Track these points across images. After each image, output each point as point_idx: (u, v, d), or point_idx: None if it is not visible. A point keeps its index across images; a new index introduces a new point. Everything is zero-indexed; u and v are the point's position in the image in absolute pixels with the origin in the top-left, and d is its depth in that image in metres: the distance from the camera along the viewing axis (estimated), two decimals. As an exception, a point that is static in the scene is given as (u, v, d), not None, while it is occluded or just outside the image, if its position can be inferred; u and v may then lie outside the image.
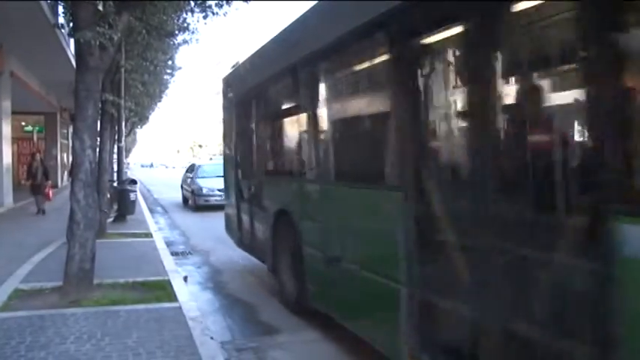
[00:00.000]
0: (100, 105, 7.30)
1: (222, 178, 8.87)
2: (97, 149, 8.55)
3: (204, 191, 16.39)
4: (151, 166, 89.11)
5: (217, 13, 9.18)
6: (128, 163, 51.45)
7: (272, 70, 6.05)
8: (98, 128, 8.93)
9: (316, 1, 4.88)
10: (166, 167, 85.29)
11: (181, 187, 20.07)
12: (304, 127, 5.15)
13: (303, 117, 5.12)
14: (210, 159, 31.40)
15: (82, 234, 5.65)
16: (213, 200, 15.81)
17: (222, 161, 9.48)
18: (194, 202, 16.85)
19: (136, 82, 13.06)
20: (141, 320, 4.82)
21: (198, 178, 17.44)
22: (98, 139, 8.97)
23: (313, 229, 4.87)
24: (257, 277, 7.18)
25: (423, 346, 3.16)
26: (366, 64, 4.14)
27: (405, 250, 3.27)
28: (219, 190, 15.11)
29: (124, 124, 14.47)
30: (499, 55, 2.69)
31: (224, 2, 8.62)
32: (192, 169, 19.46)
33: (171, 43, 13.12)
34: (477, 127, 2.81)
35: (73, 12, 6.01)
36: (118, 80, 11.64)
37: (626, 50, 2.01)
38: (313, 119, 4.91)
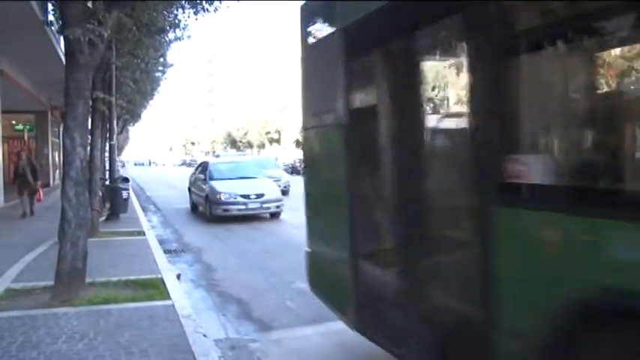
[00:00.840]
0: (90, 102, 7.26)
1: (305, 192, 4.72)
2: (89, 147, 8.50)
3: (224, 198, 13.10)
4: (149, 164, 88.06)
5: (208, 10, 9.19)
6: (122, 161, 51.20)
7: None
8: (89, 126, 8.89)
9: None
10: (156, 165, 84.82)
11: (189, 190, 16.58)
12: None
13: None
14: (218, 156, 30.23)
15: (73, 233, 5.62)
16: (234, 210, 13.06)
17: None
18: (209, 210, 13.47)
19: (127, 80, 12.98)
20: (133, 319, 4.80)
21: (214, 180, 14.01)
22: (89, 137, 8.93)
23: None
24: (251, 274, 7.18)
25: None
26: None
27: None
28: (242, 197, 13.08)
29: (115, 121, 14.38)
30: None
31: (214, -1, 8.62)
32: (203, 168, 15.55)
33: (163, 40, 13.06)
34: None
35: (62, 9, 5.96)
36: (109, 78, 11.57)
37: None
38: None
